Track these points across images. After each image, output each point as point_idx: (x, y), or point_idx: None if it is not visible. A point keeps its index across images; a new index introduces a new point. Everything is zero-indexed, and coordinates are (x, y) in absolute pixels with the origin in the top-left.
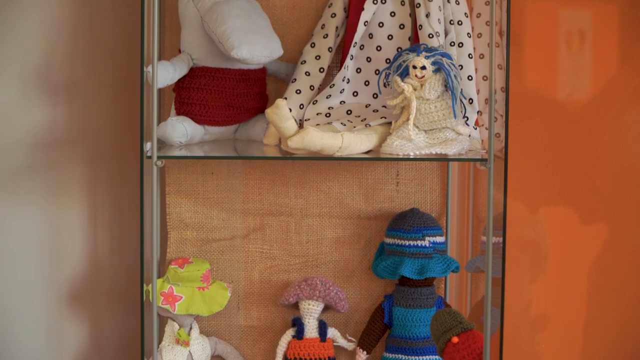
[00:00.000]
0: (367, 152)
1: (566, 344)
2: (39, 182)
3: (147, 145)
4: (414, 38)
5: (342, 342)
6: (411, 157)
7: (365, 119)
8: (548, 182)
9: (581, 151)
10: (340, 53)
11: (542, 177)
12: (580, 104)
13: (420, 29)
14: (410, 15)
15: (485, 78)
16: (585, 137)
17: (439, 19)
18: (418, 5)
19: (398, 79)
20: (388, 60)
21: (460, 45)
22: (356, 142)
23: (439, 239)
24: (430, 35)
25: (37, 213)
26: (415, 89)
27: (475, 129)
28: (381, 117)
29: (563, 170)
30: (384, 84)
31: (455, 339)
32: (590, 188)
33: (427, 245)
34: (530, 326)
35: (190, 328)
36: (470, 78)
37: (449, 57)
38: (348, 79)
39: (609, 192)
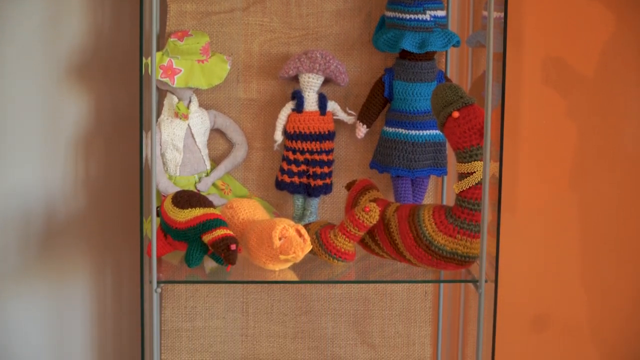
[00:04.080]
0: None
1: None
2: None
3: None
4: None
5: (342, 115)
6: None
7: None
8: None
9: None
10: None
11: None
12: None
13: None
14: None
15: None
16: None
17: None
18: None
19: None
20: None
21: None
22: None
23: (440, 13)
24: None
25: None
26: None
27: None
28: None
29: None
30: None
31: (455, 114)
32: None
33: (428, 18)
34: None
35: (189, 101)
36: None
37: None
38: None
39: None
